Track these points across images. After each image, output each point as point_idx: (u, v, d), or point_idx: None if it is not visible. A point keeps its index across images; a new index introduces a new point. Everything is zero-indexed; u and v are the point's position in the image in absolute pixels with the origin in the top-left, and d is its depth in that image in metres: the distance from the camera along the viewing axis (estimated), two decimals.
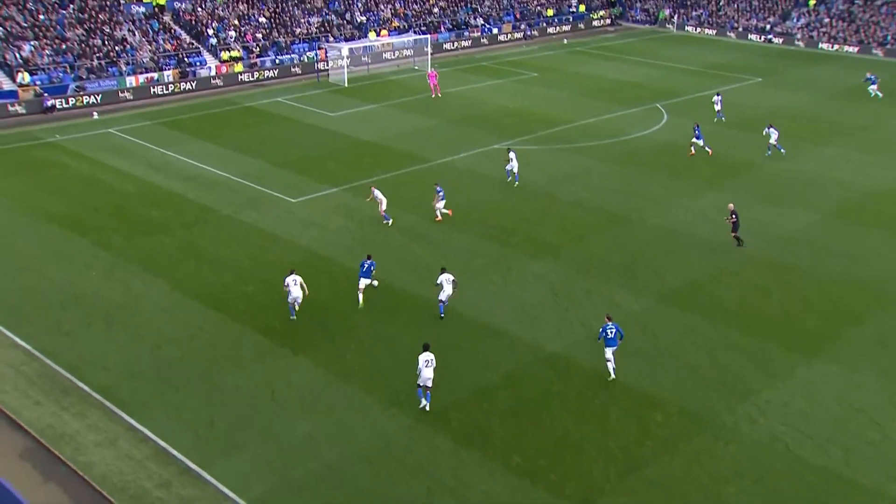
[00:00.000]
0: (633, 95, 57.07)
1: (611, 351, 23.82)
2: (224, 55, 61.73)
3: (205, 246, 32.83)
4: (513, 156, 39.51)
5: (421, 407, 22.48)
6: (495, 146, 44.99)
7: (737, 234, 32.75)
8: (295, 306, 27.10)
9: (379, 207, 34.54)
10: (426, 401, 22.47)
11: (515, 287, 29.59)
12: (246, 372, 24.27)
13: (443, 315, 27.26)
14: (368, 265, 28.30)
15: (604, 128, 49.18)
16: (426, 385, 22.33)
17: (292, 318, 27.14)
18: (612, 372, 23.91)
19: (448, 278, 27.13)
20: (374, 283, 28.83)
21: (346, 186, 38.58)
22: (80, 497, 19.40)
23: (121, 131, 48.27)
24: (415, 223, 34.77)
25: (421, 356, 22.32)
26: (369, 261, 28.47)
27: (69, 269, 30.57)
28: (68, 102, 53.52)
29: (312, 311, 27.61)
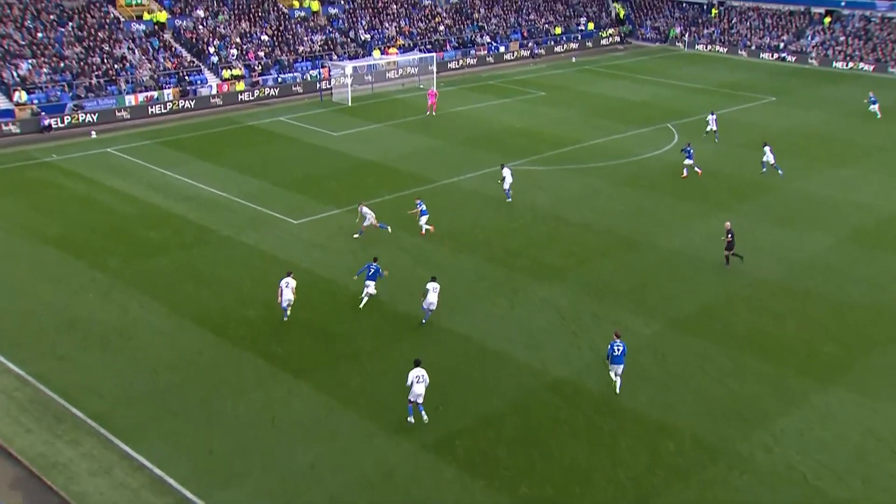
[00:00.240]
0: (643, 115, 57.28)
1: (618, 369, 24.49)
2: (226, 73, 62.16)
3: (204, 268, 32.89)
4: (507, 172, 39.97)
5: (410, 421, 22.89)
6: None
7: (728, 254, 33.09)
8: (288, 310, 28.31)
9: (363, 222, 35.18)
10: (418, 416, 22.95)
11: (522, 311, 29.57)
12: (246, 398, 24.23)
13: (424, 322, 28.20)
14: (375, 268, 29.32)
15: (613, 148, 49.30)
16: (416, 401, 22.83)
17: (284, 320, 28.29)
18: (618, 389, 24.51)
19: (434, 287, 28.11)
20: (374, 291, 29.34)
21: (349, 207, 38.67)
22: None
23: (119, 151, 48.55)
24: (419, 245, 34.83)
25: (411, 372, 22.86)
26: (375, 264, 29.51)
27: (64, 292, 30.64)
28: (64, 122, 53.83)
29: (315, 335, 27.63)
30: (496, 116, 57.22)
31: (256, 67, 64.12)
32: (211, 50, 63.96)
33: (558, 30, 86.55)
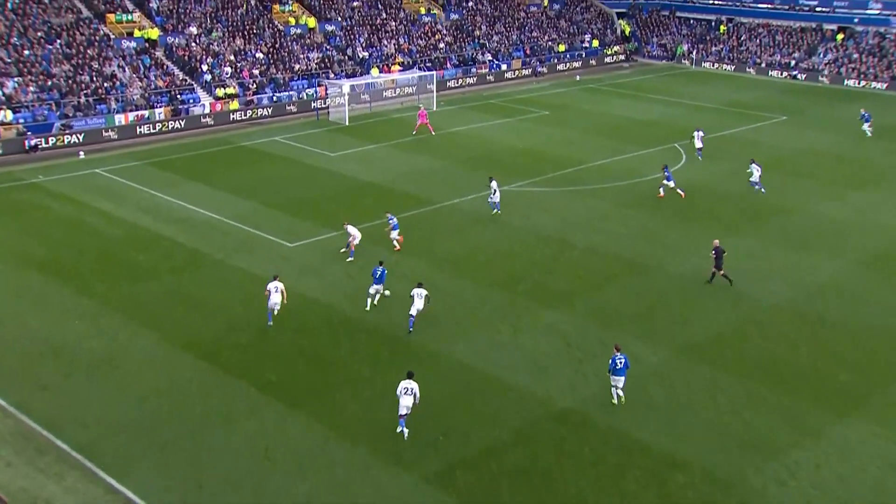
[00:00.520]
0: (649, 135, 57.44)
1: (619, 381, 25.02)
2: (219, 92, 62.43)
3: (195, 293, 32.85)
4: (495, 185, 40.45)
5: (399, 432, 23.50)
6: (504, 188, 45.11)
7: (714, 272, 33.44)
8: (273, 312, 29.65)
9: (351, 242, 35.46)
10: (404, 428, 23.49)
11: (525, 338, 29.50)
12: (238, 428, 24.09)
13: (411, 329, 29.13)
14: (381, 271, 30.80)
15: (619, 169, 49.40)
16: (404, 413, 23.39)
17: (269, 325, 29.57)
18: (617, 399, 25.20)
19: (420, 293, 29.21)
20: (387, 293, 30.71)
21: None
22: None
23: (108, 172, 48.66)
24: (418, 269, 34.78)
25: (401, 383, 23.52)
26: (381, 267, 31.01)
27: (49, 318, 30.57)
28: (48, 142, 53.62)
29: (310, 362, 27.56)
30: (498, 136, 57.40)
31: (251, 86, 64.40)
32: (204, 68, 64.27)
33: (562, 47, 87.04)
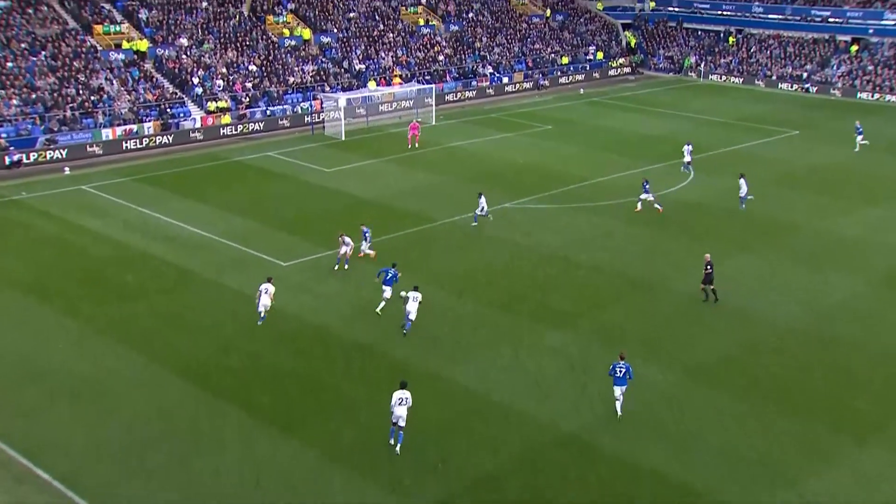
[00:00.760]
0: (657, 150, 57.55)
1: (619, 390, 25.50)
2: (210, 106, 62.62)
3: (184, 314, 32.79)
4: (483, 202, 41.54)
5: (391, 446, 23.76)
6: (506, 205, 45.22)
7: (704, 287, 33.72)
8: (263, 314, 31.11)
9: (343, 252, 36.27)
10: (398, 442, 23.82)
11: (528, 360, 29.41)
12: (228, 455, 23.97)
13: (405, 332, 30.50)
14: (393, 273, 32.12)
15: (624, 185, 49.44)
16: (398, 423, 23.71)
17: (259, 324, 31.01)
18: (619, 410, 25.55)
19: (415, 296, 30.51)
20: (402, 294, 31.53)
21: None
22: None
23: (94, 188, 48.71)
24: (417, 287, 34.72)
25: (395, 393, 23.80)
26: (393, 269, 32.34)
27: (31, 342, 30.45)
28: (30, 157, 53.51)
29: (304, 385, 27.46)
30: (499, 151, 57.52)
31: (244, 99, 64.60)
32: (195, 81, 64.50)
33: (565, 59, 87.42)
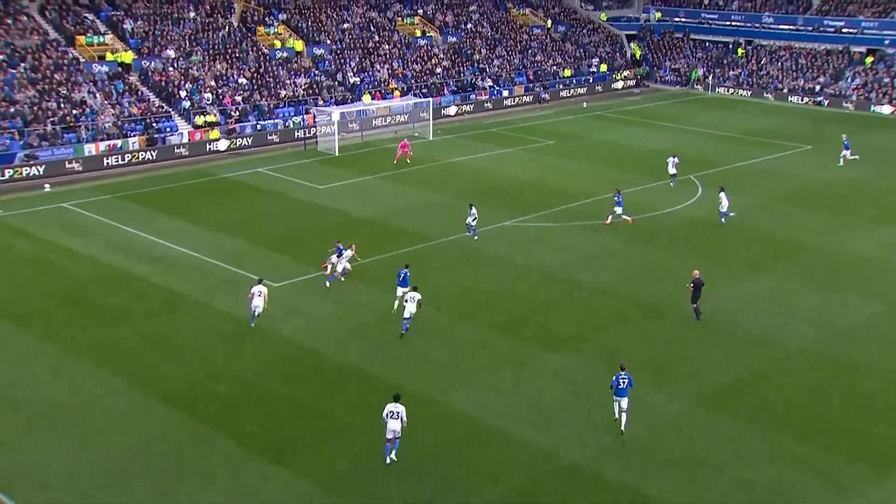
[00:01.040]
0: (663, 166, 57.56)
1: (623, 402, 26.04)
2: (198, 120, 62.78)
3: (171, 337, 32.72)
4: (474, 212, 42.33)
5: (387, 462, 24.24)
6: (506, 223, 45.27)
7: (696, 306, 34.01)
8: (255, 314, 32.57)
9: (336, 267, 37.07)
10: (392, 454, 24.37)
11: (529, 385, 29.35)
12: (215, 486, 23.85)
13: (403, 333, 32.05)
14: (405, 274, 33.87)
15: (630, 202, 49.39)
16: (391, 438, 24.30)
17: (251, 326, 32.49)
18: (623, 425, 26.00)
19: (413, 297, 32.01)
20: (399, 292, 33.10)
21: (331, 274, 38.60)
22: None
23: (76, 206, 48.73)
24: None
25: (387, 406, 24.45)
26: (405, 269, 34.14)
27: (7, 368, 30.33)
28: (5, 175, 53.34)
29: (295, 412, 27.36)
30: (499, 167, 57.65)
31: (233, 113, 64.76)
32: (182, 94, 64.69)
33: (568, 72, 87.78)
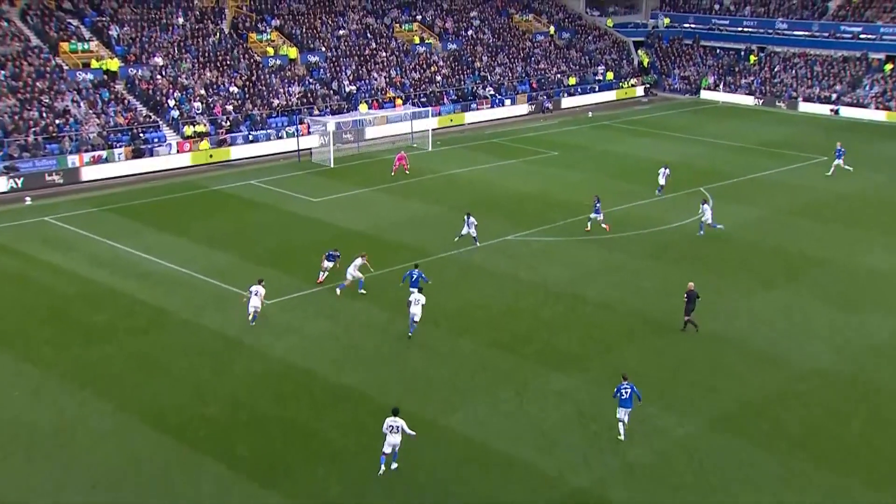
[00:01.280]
0: (672, 178, 57.67)
1: (624, 412, 26.85)
2: (188, 130, 62.92)
3: (158, 357, 32.69)
4: (473, 221, 43.13)
5: (380, 473, 24.87)
6: (508, 237, 45.30)
7: (689, 319, 34.42)
8: (253, 315, 34.18)
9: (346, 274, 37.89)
10: (391, 464, 25.04)
11: (533, 406, 29.30)
12: None
13: (411, 334, 33.34)
14: (417, 274, 35.24)
15: (637, 216, 49.57)
16: (389, 451, 24.93)
17: (251, 325, 34.03)
18: (623, 434, 26.76)
19: (417, 299, 33.25)
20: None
21: (332, 285, 38.63)
22: None
23: (59, 220, 48.77)
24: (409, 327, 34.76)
25: (387, 420, 24.97)
26: (417, 269, 35.53)
27: None
28: None
29: (287, 434, 27.31)
30: (501, 179, 57.76)
31: (224, 123, 64.90)
32: (171, 103, 64.84)
33: (572, 80, 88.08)
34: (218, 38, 73.44)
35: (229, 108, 66.62)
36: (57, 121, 59.24)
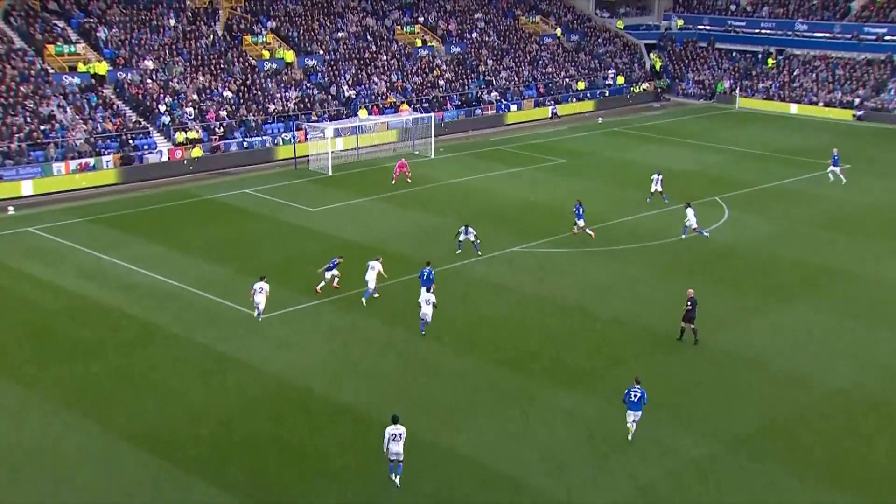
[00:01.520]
0: (685, 187, 57.64)
1: (633, 415, 27.72)
2: (179, 137, 63.01)
3: (147, 374, 32.67)
4: (472, 230, 44.04)
5: (392, 480, 25.22)
6: (514, 248, 45.30)
7: (685, 327, 34.65)
8: (259, 309, 35.62)
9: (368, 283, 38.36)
10: (397, 474, 25.39)
11: (540, 426, 29.25)
12: None
13: (423, 332, 34.71)
14: (428, 272, 36.54)
15: (648, 226, 49.55)
16: (395, 459, 25.26)
17: (258, 321, 35.72)
18: (631, 435, 27.70)
19: (427, 299, 34.55)
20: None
21: (331, 298, 38.63)
22: None
23: (44, 230, 48.84)
24: (412, 343, 34.70)
25: (388, 428, 25.25)
26: (428, 268, 36.91)
27: None
28: None
29: (284, 454, 27.27)
30: (507, 188, 57.83)
31: (217, 130, 64.99)
32: (162, 108, 64.94)
33: (581, 85, 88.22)
34: (211, 41, 73.61)
35: (223, 114, 66.73)
36: (42, 127, 59.29)
